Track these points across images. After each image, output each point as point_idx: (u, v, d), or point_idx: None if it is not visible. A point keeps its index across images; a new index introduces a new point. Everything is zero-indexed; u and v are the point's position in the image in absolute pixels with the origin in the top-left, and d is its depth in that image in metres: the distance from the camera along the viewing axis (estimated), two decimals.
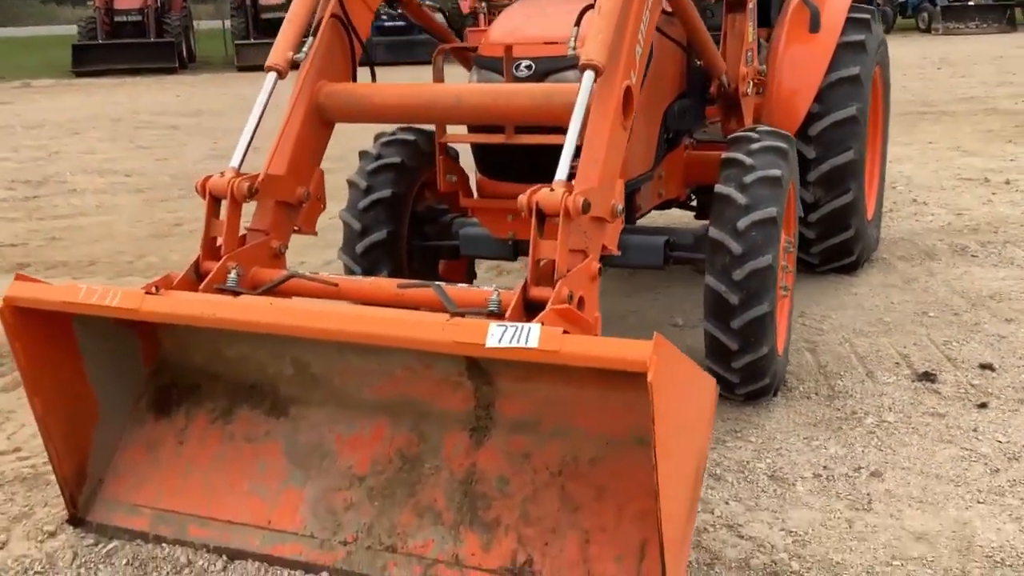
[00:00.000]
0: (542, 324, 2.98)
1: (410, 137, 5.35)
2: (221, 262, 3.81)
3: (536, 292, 3.40)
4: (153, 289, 3.53)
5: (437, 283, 3.62)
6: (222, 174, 3.89)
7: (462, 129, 4.68)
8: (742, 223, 4.37)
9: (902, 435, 4.48)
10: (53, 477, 4.33)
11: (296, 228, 4.22)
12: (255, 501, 3.81)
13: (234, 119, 16.47)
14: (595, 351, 2.92)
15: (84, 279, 7.60)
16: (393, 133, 5.40)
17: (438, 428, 3.72)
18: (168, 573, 3.63)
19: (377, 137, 5.43)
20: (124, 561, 3.69)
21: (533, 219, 3.40)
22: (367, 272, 5.06)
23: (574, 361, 2.96)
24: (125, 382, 4.08)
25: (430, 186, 5.41)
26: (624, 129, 3.80)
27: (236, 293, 3.77)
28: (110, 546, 3.77)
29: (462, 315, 3.29)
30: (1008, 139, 12.06)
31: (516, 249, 5.10)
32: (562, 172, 3.47)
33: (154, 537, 3.82)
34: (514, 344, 2.93)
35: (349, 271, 5.20)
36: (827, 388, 4.99)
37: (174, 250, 8.37)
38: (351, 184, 5.29)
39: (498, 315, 3.42)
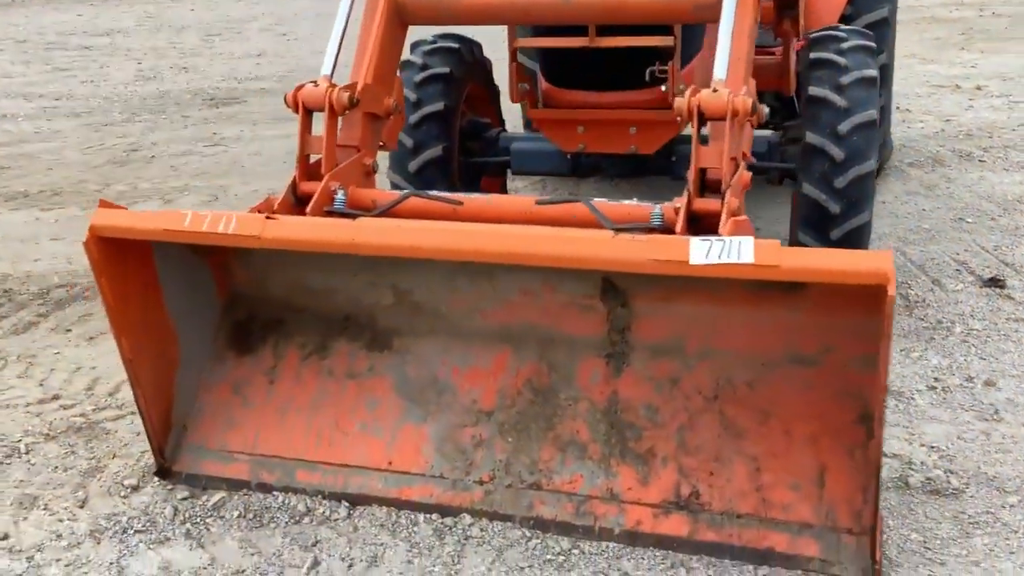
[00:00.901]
0: (752, 238, 2.71)
1: (454, 45, 4.97)
2: (324, 182, 3.43)
3: (700, 204, 3.13)
4: (268, 214, 3.15)
5: (585, 198, 3.32)
6: (315, 84, 3.50)
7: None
8: (843, 127, 4.15)
9: (996, 343, 4.38)
10: (109, 425, 3.96)
11: (380, 143, 3.85)
12: (370, 441, 3.50)
13: (148, 38, 15.58)
14: (823, 264, 2.66)
15: (54, 210, 7.03)
16: (434, 40, 5.01)
17: (569, 356, 3.46)
18: (287, 523, 3.32)
19: (415, 45, 5.02)
20: (236, 513, 3.36)
21: (695, 124, 3.12)
22: None
23: (796, 277, 2.71)
24: (202, 318, 3.72)
25: (471, 99, 5.06)
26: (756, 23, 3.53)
27: (350, 215, 3.40)
28: (215, 498, 3.43)
29: (627, 232, 2.99)
30: (959, 46, 12.09)
31: (576, 164, 4.81)
32: (720, 70, 3.19)
33: (258, 485, 3.50)
34: (725, 260, 2.67)
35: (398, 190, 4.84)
36: (901, 298, 4.86)
37: (141, 177, 7.81)
38: None
39: (662, 230, 3.15)
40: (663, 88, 4.15)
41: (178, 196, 7.23)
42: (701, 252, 2.69)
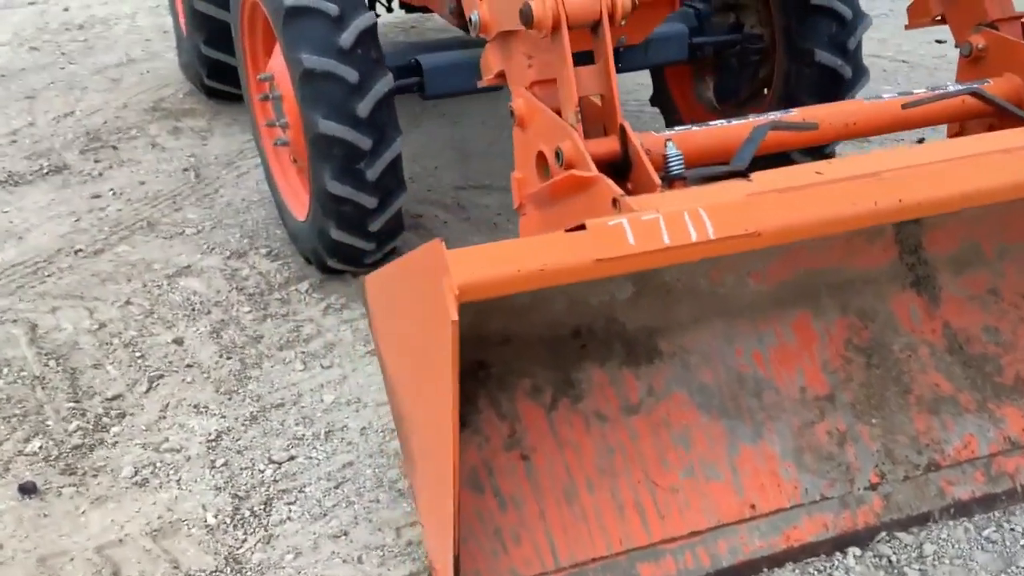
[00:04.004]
0: None
1: None
2: (627, 134, 2.22)
3: None
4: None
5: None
6: None
7: None
8: None
9: None
10: None
11: None
12: (710, 489, 2.47)
13: None
14: None
15: None
16: None
17: (875, 297, 2.73)
18: None
19: None
20: None
21: None
22: None
23: None
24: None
25: None
26: None
27: (713, 176, 2.24)
28: None
29: None
30: None
31: None
32: None
33: None
34: None
35: None
36: None
37: None
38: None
39: None
40: None
41: None
42: None
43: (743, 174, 2.18)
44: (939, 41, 6.16)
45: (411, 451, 2.36)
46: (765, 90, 4.11)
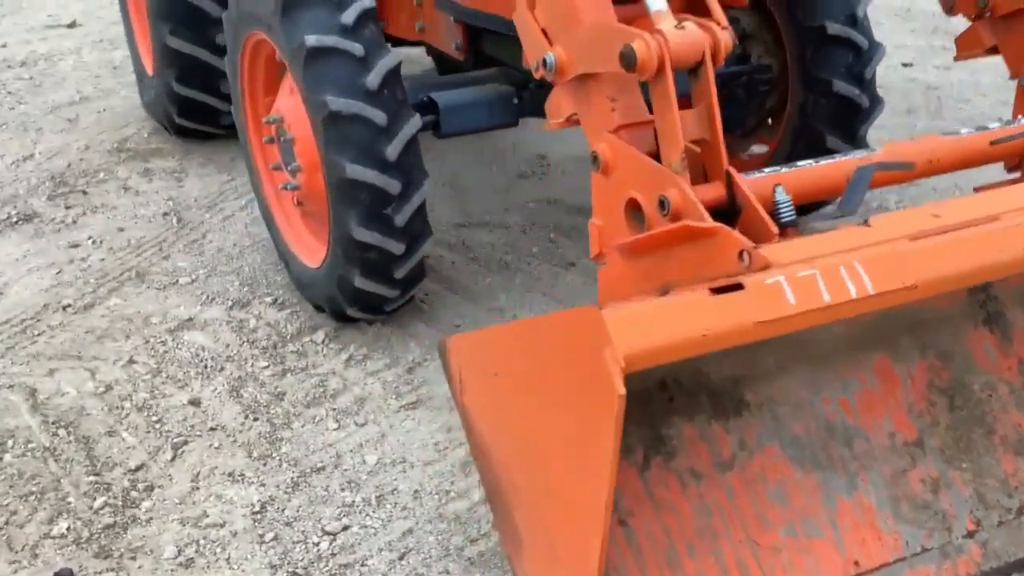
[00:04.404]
0: None
1: None
2: (737, 179, 2.11)
3: None
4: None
5: None
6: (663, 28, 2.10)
7: None
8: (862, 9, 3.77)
9: None
10: None
11: None
12: (812, 546, 2.36)
13: None
14: None
15: None
16: None
17: (950, 335, 2.66)
18: None
19: None
20: None
21: None
22: None
23: None
24: None
25: None
26: None
27: (822, 226, 2.14)
28: None
29: None
30: None
31: (523, 104, 3.61)
32: None
33: None
34: None
35: None
36: None
37: None
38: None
39: None
40: None
41: None
42: None
43: (859, 218, 2.09)
44: (906, 64, 6.21)
45: (514, 526, 2.21)
46: (770, 119, 4.06)
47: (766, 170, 2.28)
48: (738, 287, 1.77)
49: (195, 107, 4.93)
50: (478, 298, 3.78)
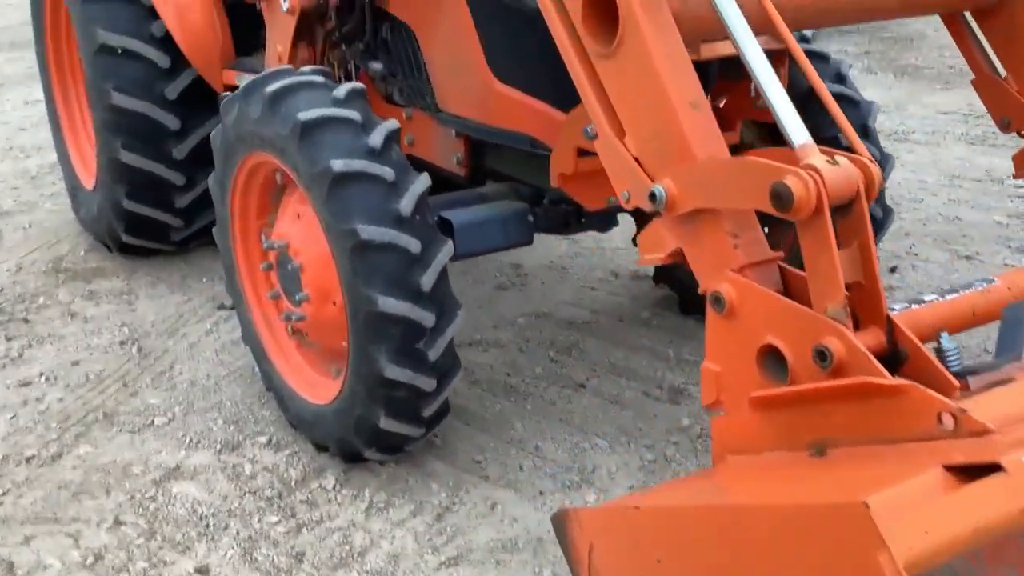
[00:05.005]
0: None
1: None
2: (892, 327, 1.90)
3: None
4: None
5: None
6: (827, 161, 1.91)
7: None
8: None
9: None
10: None
11: None
12: None
13: None
14: None
15: None
16: None
17: None
18: None
19: None
20: None
21: None
22: None
23: None
24: None
25: None
26: None
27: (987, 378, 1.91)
28: None
29: None
30: None
31: (536, 223, 3.42)
32: None
33: None
34: None
35: None
36: None
37: None
38: None
39: None
40: None
41: None
42: None
43: None
44: None
45: None
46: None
47: (896, 306, 2.10)
48: (996, 468, 1.54)
49: (145, 224, 4.58)
50: (492, 428, 3.50)
